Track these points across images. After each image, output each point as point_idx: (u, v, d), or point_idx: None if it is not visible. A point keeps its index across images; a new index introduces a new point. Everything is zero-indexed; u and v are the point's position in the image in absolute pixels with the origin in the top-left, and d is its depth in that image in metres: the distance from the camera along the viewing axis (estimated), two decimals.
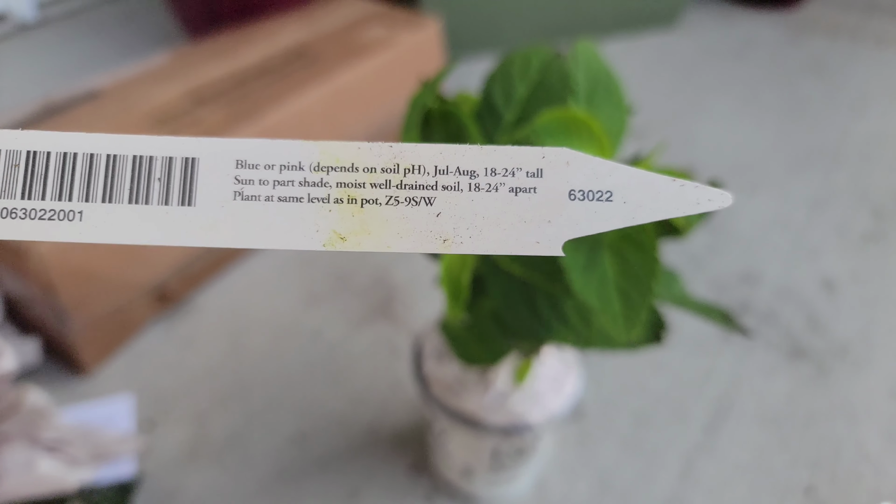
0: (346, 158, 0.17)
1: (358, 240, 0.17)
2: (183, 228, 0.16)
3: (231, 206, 0.17)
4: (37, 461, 0.47)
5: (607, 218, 0.17)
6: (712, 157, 0.85)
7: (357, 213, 0.17)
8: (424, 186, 0.17)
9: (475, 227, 0.17)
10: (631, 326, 0.25)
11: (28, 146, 0.17)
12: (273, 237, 0.17)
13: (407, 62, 0.80)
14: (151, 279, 0.60)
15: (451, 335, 0.36)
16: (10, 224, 0.16)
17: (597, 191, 0.17)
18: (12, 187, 0.16)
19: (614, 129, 0.30)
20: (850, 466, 0.51)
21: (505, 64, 0.31)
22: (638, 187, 0.17)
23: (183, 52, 0.77)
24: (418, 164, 0.17)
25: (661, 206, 0.17)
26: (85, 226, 0.16)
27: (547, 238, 0.17)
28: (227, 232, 0.17)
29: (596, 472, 0.50)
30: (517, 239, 0.17)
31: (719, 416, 0.54)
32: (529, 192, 0.17)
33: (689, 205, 0.16)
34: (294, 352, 0.60)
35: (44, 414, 0.49)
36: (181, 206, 0.16)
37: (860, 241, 0.72)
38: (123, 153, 0.17)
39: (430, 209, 0.17)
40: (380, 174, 0.17)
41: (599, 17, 1.10)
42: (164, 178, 0.17)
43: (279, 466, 0.51)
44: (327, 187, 0.17)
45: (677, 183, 0.17)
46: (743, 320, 0.63)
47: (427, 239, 0.17)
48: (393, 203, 0.17)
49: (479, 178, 0.17)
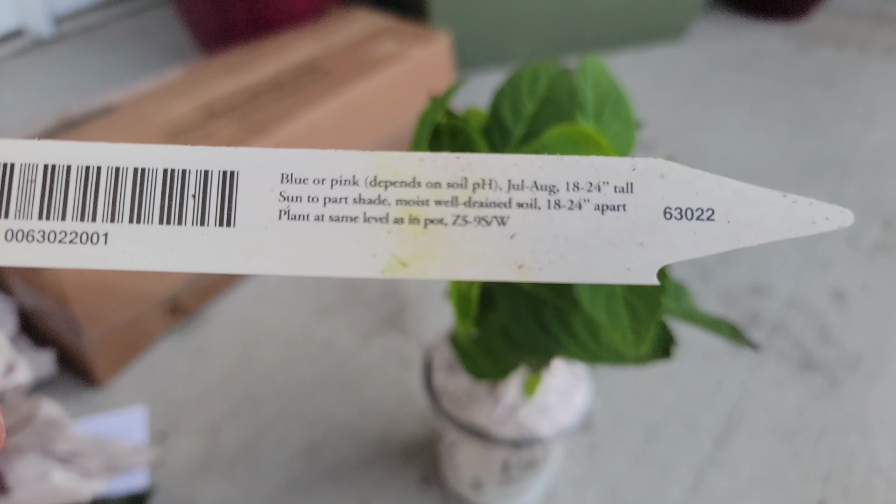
0: (406, 172, 0.15)
1: (421, 266, 0.15)
2: (221, 254, 0.14)
3: (276, 227, 0.15)
4: (50, 473, 0.47)
5: (709, 240, 0.15)
6: (721, 170, 0.85)
7: (420, 235, 0.15)
8: (497, 204, 0.15)
9: (556, 250, 0.15)
10: (639, 342, 0.25)
11: (46, 159, 0.15)
12: (324, 263, 0.15)
13: (418, 76, 0.80)
14: (164, 292, 0.60)
15: (460, 349, 0.36)
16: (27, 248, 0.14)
17: (696, 208, 0.15)
18: (29, 206, 0.14)
19: (622, 144, 0.30)
20: (862, 480, 0.51)
21: (513, 80, 0.32)
22: (744, 204, 0.15)
23: (196, 67, 0.78)
24: (489, 177, 0.15)
25: (770, 225, 0.15)
26: (110, 250, 0.14)
27: (639, 264, 0.15)
28: (272, 258, 0.14)
29: (606, 485, 0.50)
30: (605, 265, 0.15)
31: (730, 429, 0.54)
32: (618, 210, 0.15)
33: (804, 224, 0.15)
34: (305, 363, 0.60)
35: (57, 426, 0.50)
36: (219, 226, 0.15)
37: (871, 252, 0.72)
38: (153, 166, 0.15)
39: (503, 230, 0.15)
40: (445, 189, 0.15)
41: (608, 30, 1.10)
42: (199, 195, 0.15)
43: (290, 478, 0.51)
44: (386, 205, 0.15)
45: (788, 199, 0.15)
46: (753, 332, 0.62)
47: (500, 265, 0.15)
48: (461, 223, 0.15)
49: (560, 193, 0.15)
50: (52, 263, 0.14)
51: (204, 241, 0.15)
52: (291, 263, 0.15)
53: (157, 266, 0.14)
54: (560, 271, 0.15)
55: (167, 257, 0.14)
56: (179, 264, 0.15)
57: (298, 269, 0.15)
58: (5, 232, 0.14)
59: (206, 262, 0.15)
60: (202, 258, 0.15)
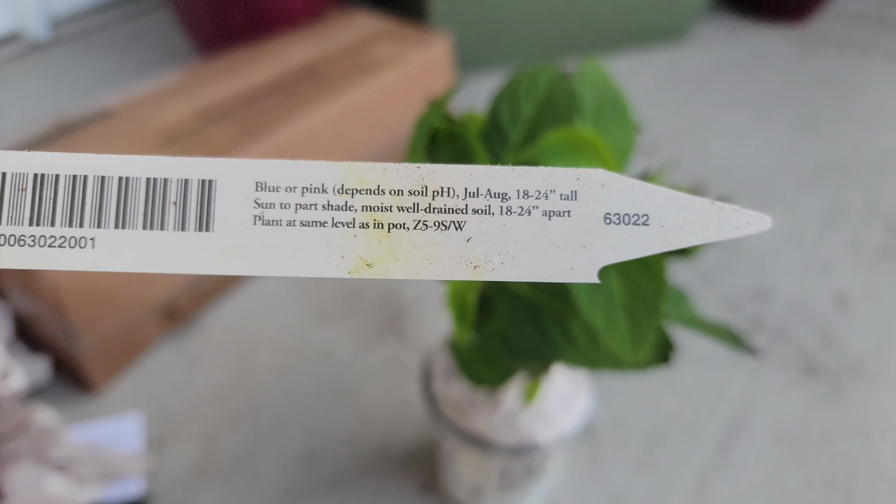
0: (371, 180, 0.16)
1: (385, 266, 0.16)
2: (200, 256, 0.16)
3: (251, 232, 0.16)
4: (45, 480, 0.47)
5: (644, 243, 0.16)
6: (723, 173, 0.85)
7: (384, 239, 0.16)
8: (454, 210, 0.16)
9: (507, 252, 0.16)
10: (638, 348, 0.25)
11: (35, 169, 0.16)
12: (295, 265, 0.16)
13: (417, 79, 0.80)
14: (160, 298, 0.60)
15: (459, 355, 0.35)
16: (18, 252, 0.15)
17: (633, 214, 0.16)
18: (20, 213, 0.15)
19: (622, 149, 0.30)
20: (865, 486, 0.50)
21: (511, 84, 0.31)
22: (675, 211, 0.16)
23: (194, 71, 0.78)
24: (447, 185, 0.16)
25: (698, 229, 0.16)
26: (98, 254, 0.16)
27: (582, 264, 0.16)
28: (248, 259, 0.16)
29: (607, 492, 0.50)
30: (551, 265, 0.16)
31: (732, 435, 0.54)
32: (563, 216, 0.16)
33: (728, 229, 0.16)
34: (303, 370, 0.59)
35: (52, 433, 0.49)
36: (198, 231, 0.16)
37: (873, 257, 0.72)
38: (136, 175, 0.16)
39: (460, 234, 0.16)
40: (407, 197, 0.16)
41: (609, 32, 1.10)
42: (179, 202, 0.16)
43: (288, 486, 0.51)
44: (352, 211, 0.16)
45: (715, 206, 0.16)
46: (755, 337, 0.62)
47: (457, 265, 0.16)
48: (421, 227, 0.16)
49: (511, 200, 0.16)
50: (42, 266, 0.15)
51: (184, 244, 0.16)
52: (266, 265, 0.16)
53: (141, 268, 0.16)
54: (511, 271, 0.16)
55: (150, 260, 0.16)
56: (162, 266, 0.16)
57: (272, 270, 0.16)
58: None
59: (187, 264, 0.16)
60: (183, 260, 0.16)
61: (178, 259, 0.16)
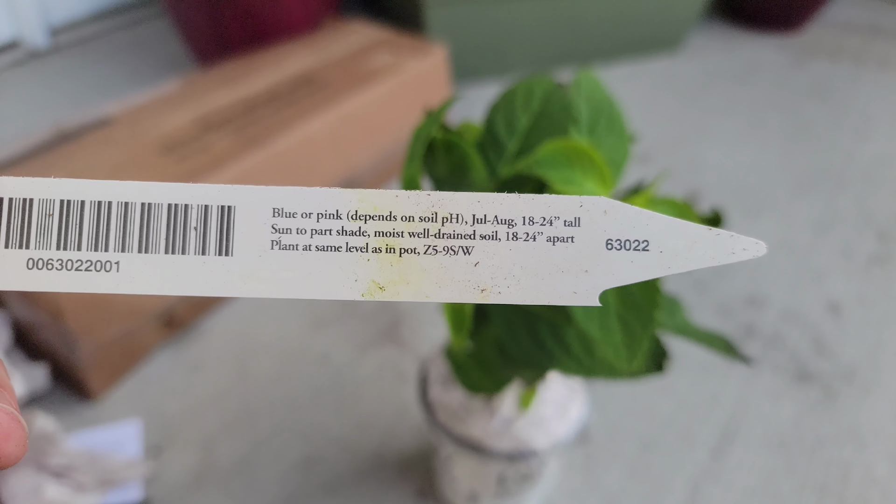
0: (383, 206, 0.17)
1: (396, 289, 0.16)
2: (221, 279, 0.16)
3: (269, 256, 0.16)
4: (44, 487, 0.47)
5: (644, 267, 0.17)
6: (717, 181, 0.86)
7: (395, 263, 0.17)
8: (462, 236, 0.17)
9: (513, 276, 0.17)
10: (632, 356, 0.25)
11: (62, 195, 0.16)
12: (311, 287, 0.16)
13: (414, 88, 0.81)
14: (159, 305, 0.60)
15: (455, 363, 0.36)
16: (46, 276, 0.16)
17: (633, 240, 0.17)
18: (48, 238, 0.16)
19: (616, 159, 0.30)
20: (858, 491, 0.51)
21: (507, 94, 0.32)
22: (674, 237, 0.17)
23: (192, 79, 0.78)
24: (456, 212, 0.17)
25: (696, 255, 0.17)
26: (122, 277, 0.16)
27: (584, 288, 0.17)
28: (266, 282, 0.16)
29: (602, 497, 0.50)
30: (554, 289, 0.17)
31: (726, 441, 0.54)
32: (567, 242, 0.17)
33: (725, 254, 0.16)
34: (301, 377, 0.60)
35: (51, 440, 0.50)
36: (218, 255, 0.16)
37: (865, 264, 0.72)
38: (158, 201, 0.16)
39: (468, 259, 0.17)
40: (418, 223, 0.17)
41: (604, 43, 1.11)
42: (200, 227, 0.16)
43: (286, 492, 0.51)
44: (365, 236, 0.17)
45: (713, 232, 0.17)
46: (748, 344, 0.62)
47: (465, 289, 0.17)
48: (431, 252, 0.17)
49: (517, 227, 0.17)
50: (69, 289, 0.16)
51: (205, 268, 0.16)
52: (283, 288, 0.17)
53: (164, 291, 0.16)
54: (516, 294, 0.17)
55: (173, 283, 0.16)
56: (184, 289, 0.16)
57: (289, 293, 0.16)
58: (27, 261, 0.16)
59: (208, 286, 0.16)
60: (204, 284, 0.16)
61: (199, 282, 0.16)
